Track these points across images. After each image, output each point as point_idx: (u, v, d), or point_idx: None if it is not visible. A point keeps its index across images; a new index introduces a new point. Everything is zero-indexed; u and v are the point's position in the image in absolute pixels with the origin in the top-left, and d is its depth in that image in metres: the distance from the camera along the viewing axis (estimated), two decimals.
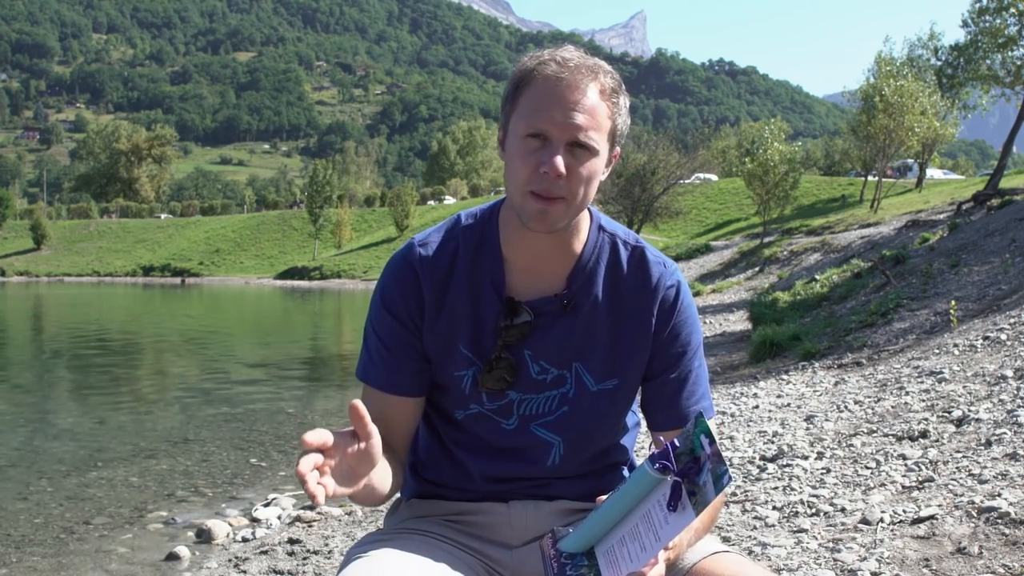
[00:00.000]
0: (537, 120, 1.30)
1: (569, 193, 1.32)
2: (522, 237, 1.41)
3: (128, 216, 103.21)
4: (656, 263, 1.47)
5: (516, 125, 1.34)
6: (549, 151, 1.30)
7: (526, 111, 1.32)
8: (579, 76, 1.31)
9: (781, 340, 9.36)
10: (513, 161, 1.34)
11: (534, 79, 1.33)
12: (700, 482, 1.10)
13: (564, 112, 1.30)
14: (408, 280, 1.44)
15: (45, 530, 4.78)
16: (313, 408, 9.22)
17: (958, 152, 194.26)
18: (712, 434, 1.12)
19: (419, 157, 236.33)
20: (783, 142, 35.44)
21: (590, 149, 1.31)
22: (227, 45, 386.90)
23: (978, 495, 3.22)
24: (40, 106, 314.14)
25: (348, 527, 4.47)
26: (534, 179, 1.31)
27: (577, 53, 1.35)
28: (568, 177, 1.31)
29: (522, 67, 1.35)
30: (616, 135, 1.37)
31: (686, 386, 1.46)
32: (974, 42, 26.38)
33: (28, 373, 13.18)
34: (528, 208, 1.33)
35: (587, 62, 1.34)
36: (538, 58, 1.35)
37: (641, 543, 1.13)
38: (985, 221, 15.81)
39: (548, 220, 1.33)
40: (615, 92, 1.35)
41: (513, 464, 1.48)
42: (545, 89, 1.31)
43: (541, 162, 1.30)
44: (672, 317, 1.45)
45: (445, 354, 1.44)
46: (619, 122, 1.36)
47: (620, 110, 1.36)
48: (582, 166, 1.31)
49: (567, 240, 1.43)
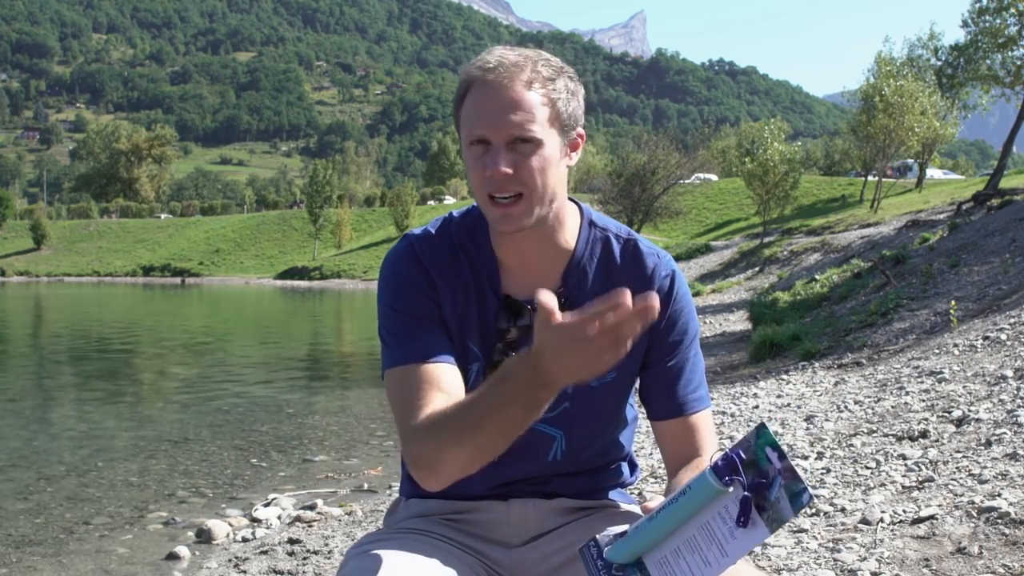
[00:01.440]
0: (475, 127, 1.33)
1: (525, 187, 1.32)
2: (508, 239, 1.41)
3: (128, 216, 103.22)
4: (650, 254, 1.48)
5: (463, 135, 1.36)
6: (492, 155, 1.31)
7: (466, 120, 1.34)
8: (503, 74, 1.32)
9: (781, 340, 9.36)
10: (468, 169, 1.36)
11: (470, 87, 1.35)
12: (772, 498, 1.05)
13: (495, 114, 1.31)
14: (414, 260, 1.43)
15: (45, 530, 4.78)
16: (313, 408, 9.22)
17: (958, 152, 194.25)
18: (780, 447, 1.07)
19: (419, 157, 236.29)
20: (783, 142, 35.44)
21: (532, 141, 1.32)
22: (227, 45, 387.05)
23: (978, 495, 3.22)
24: (40, 106, 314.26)
25: (348, 527, 4.47)
26: (487, 183, 1.32)
27: (503, 51, 1.36)
28: (518, 173, 1.31)
29: (461, 77, 1.38)
30: (562, 119, 1.35)
31: (683, 375, 1.46)
32: (974, 42, 26.39)
33: (28, 373, 13.18)
34: (491, 213, 1.35)
35: (509, 58, 1.34)
36: (470, 65, 1.36)
37: (703, 556, 1.09)
38: (985, 221, 15.81)
39: (511, 221, 1.34)
40: (550, 79, 1.34)
41: (514, 462, 1.47)
42: (477, 95, 1.33)
43: (486, 165, 1.32)
44: (668, 306, 1.45)
45: (457, 345, 1.44)
46: (561, 106, 1.35)
47: (559, 94, 1.35)
48: (530, 159, 1.32)
49: (555, 237, 1.43)
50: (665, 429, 1.47)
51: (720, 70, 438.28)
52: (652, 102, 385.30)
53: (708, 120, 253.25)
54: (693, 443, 1.45)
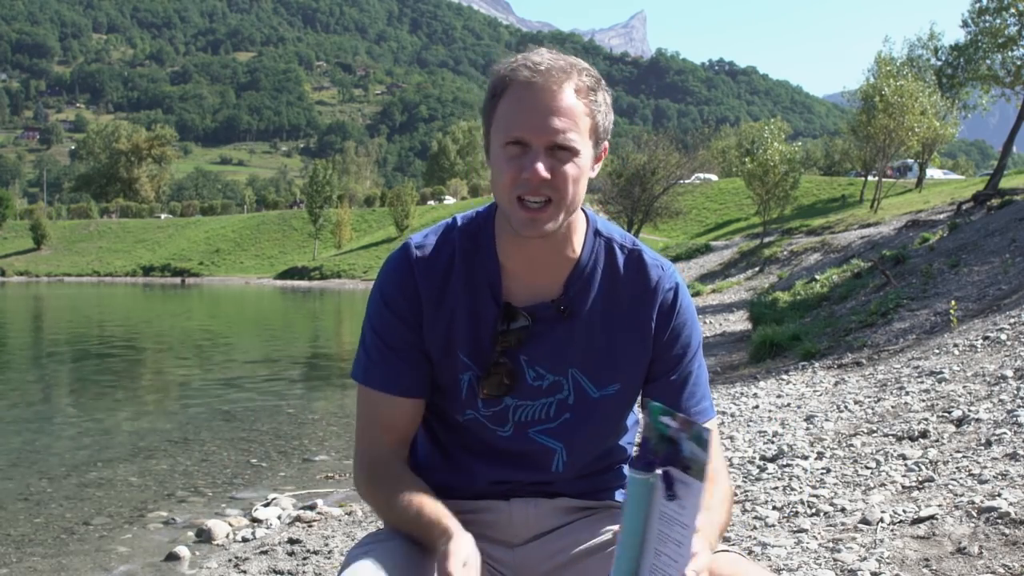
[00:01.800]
0: (515, 128, 1.31)
1: (556, 195, 1.32)
2: (517, 243, 1.41)
3: (128, 216, 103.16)
4: (654, 266, 1.47)
5: (496, 134, 1.34)
6: (530, 157, 1.30)
7: (504, 120, 1.32)
8: (552, 78, 1.31)
9: (781, 340, 9.35)
10: (497, 169, 1.34)
11: (509, 86, 1.33)
12: (687, 453, 1.11)
13: (540, 117, 1.30)
14: (406, 278, 1.44)
15: (45, 530, 4.78)
16: (313, 408, 9.22)
17: (958, 152, 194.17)
18: (669, 410, 1.13)
19: (419, 157, 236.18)
20: (783, 142, 35.42)
21: (571, 150, 1.31)
22: (227, 45, 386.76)
23: (978, 495, 3.22)
24: (40, 106, 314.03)
25: (348, 527, 4.47)
26: (519, 184, 1.31)
27: (550, 55, 1.34)
28: (553, 179, 1.31)
29: (497, 75, 1.35)
30: (599, 132, 1.36)
31: (687, 387, 1.46)
32: (974, 42, 26.38)
33: (28, 373, 13.18)
34: (517, 216, 1.33)
35: (559, 63, 1.33)
36: (511, 64, 1.34)
37: (675, 541, 1.13)
38: (985, 221, 15.81)
39: (538, 226, 1.33)
40: (592, 89, 1.34)
41: (517, 470, 1.48)
42: (520, 96, 1.31)
43: (523, 168, 1.30)
44: (672, 319, 1.45)
45: (444, 357, 1.44)
46: (599, 119, 1.35)
47: (599, 106, 1.35)
48: (566, 167, 1.31)
49: (562, 245, 1.42)
50: None
51: (720, 70, 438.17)
52: (652, 102, 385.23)
53: (708, 120, 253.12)
54: None
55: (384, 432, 1.43)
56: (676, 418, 1.12)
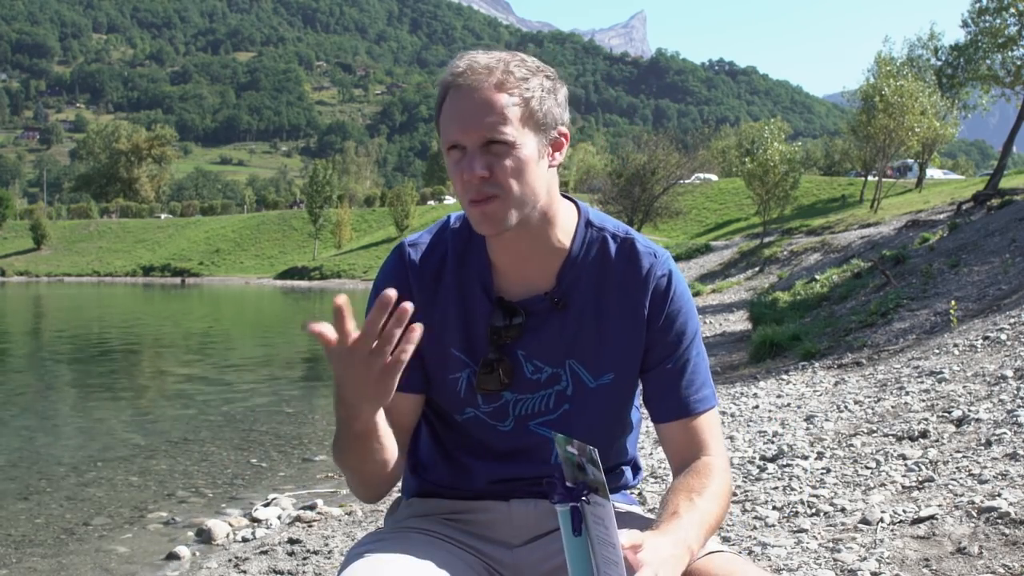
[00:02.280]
0: (450, 133, 1.32)
1: (500, 190, 1.32)
2: (503, 239, 1.41)
3: (128, 216, 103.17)
4: (646, 253, 1.46)
5: (442, 141, 1.36)
6: (468, 159, 1.31)
7: (443, 127, 1.35)
8: (473, 78, 1.31)
9: (781, 340, 9.35)
10: (450, 175, 1.36)
11: (445, 94, 1.35)
12: (591, 475, 1.14)
13: (464, 119, 1.31)
14: (401, 278, 1.44)
15: (45, 530, 4.78)
16: (313, 408, 9.21)
17: (958, 152, 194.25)
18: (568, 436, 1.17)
19: (419, 157, 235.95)
20: (783, 142, 35.44)
21: (505, 143, 1.31)
22: (227, 45, 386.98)
23: (978, 495, 3.22)
24: (40, 106, 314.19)
25: (348, 527, 4.47)
26: (467, 189, 1.32)
27: (477, 55, 1.35)
28: (492, 176, 1.31)
29: (439, 83, 1.37)
30: (536, 118, 1.33)
31: (684, 375, 1.45)
32: (974, 42, 26.39)
33: (28, 373, 13.18)
34: (472, 216, 1.35)
35: (483, 61, 1.33)
36: (445, 72, 1.36)
37: (612, 561, 1.14)
38: (985, 221, 15.81)
39: (489, 221, 1.33)
40: (522, 79, 1.33)
41: (517, 465, 1.48)
42: (450, 101, 1.33)
43: (463, 171, 1.31)
44: (665, 306, 1.44)
45: (438, 356, 1.44)
46: (535, 104, 1.33)
47: (531, 92, 1.33)
48: (504, 161, 1.31)
49: (548, 238, 1.42)
50: (668, 431, 1.46)
51: (720, 70, 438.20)
52: (652, 102, 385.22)
53: (708, 120, 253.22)
54: (697, 444, 1.43)
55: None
56: (575, 444, 1.15)
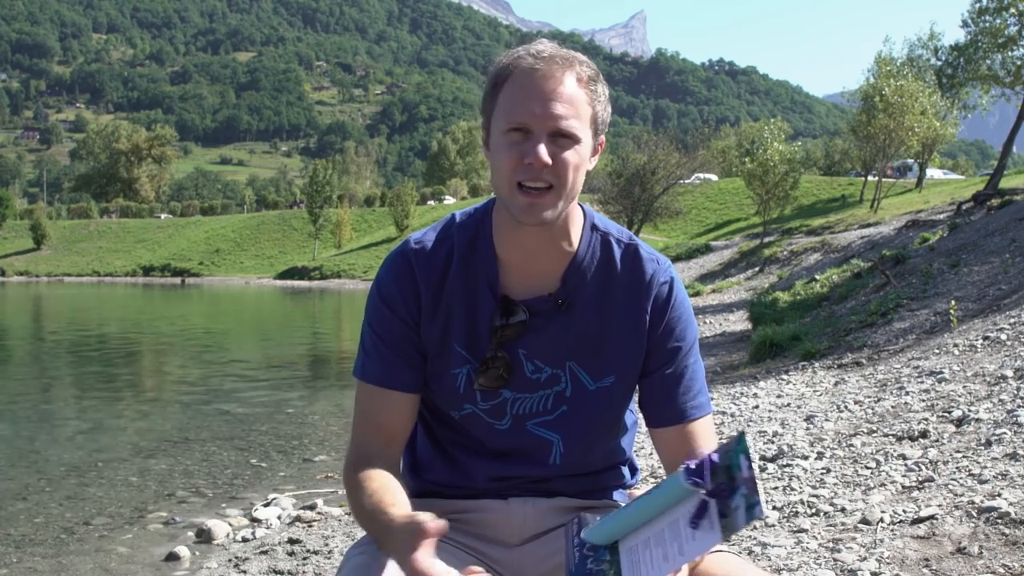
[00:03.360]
0: (517, 114, 1.31)
1: (557, 181, 1.32)
2: (515, 236, 1.41)
3: (128, 216, 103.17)
4: (649, 260, 1.47)
5: (497, 122, 1.34)
6: (532, 142, 1.30)
7: (506, 107, 1.33)
8: (554, 66, 1.32)
9: (781, 340, 9.35)
10: (498, 157, 1.34)
11: (511, 75, 1.34)
12: (732, 505, 1.07)
13: (543, 103, 1.30)
14: (404, 275, 1.44)
15: (45, 530, 4.78)
16: (313, 408, 9.21)
17: (958, 152, 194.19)
18: (751, 456, 1.09)
19: (419, 157, 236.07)
20: (783, 142, 35.44)
21: (572, 137, 1.32)
22: (227, 45, 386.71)
23: (978, 495, 3.22)
24: (40, 106, 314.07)
25: (348, 527, 4.47)
26: (519, 170, 1.31)
27: (551, 45, 1.36)
28: (554, 165, 1.31)
29: (498, 65, 1.36)
30: (598, 123, 1.37)
31: (682, 382, 1.46)
32: (974, 42, 26.38)
33: (28, 373, 13.18)
34: (517, 202, 1.33)
35: (561, 52, 1.34)
36: (513, 54, 1.36)
37: (665, 552, 1.12)
38: (985, 221, 15.81)
39: (537, 212, 1.33)
40: (592, 80, 1.35)
41: (516, 465, 1.48)
42: (522, 83, 1.32)
43: (525, 153, 1.30)
44: (666, 313, 1.45)
45: (440, 351, 1.45)
46: (599, 110, 1.37)
47: (599, 98, 1.36)
48: (566, 153, 1.32)
49: (559, 239, 1.43)
50: (664, 436, 1.47)
51: (720, 70, 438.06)
52: (652, 102, 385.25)
53: (708, 120, 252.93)
54: (692, 450, 1.42)
55: (377, 426, 1.44)
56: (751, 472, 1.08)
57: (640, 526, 1.16)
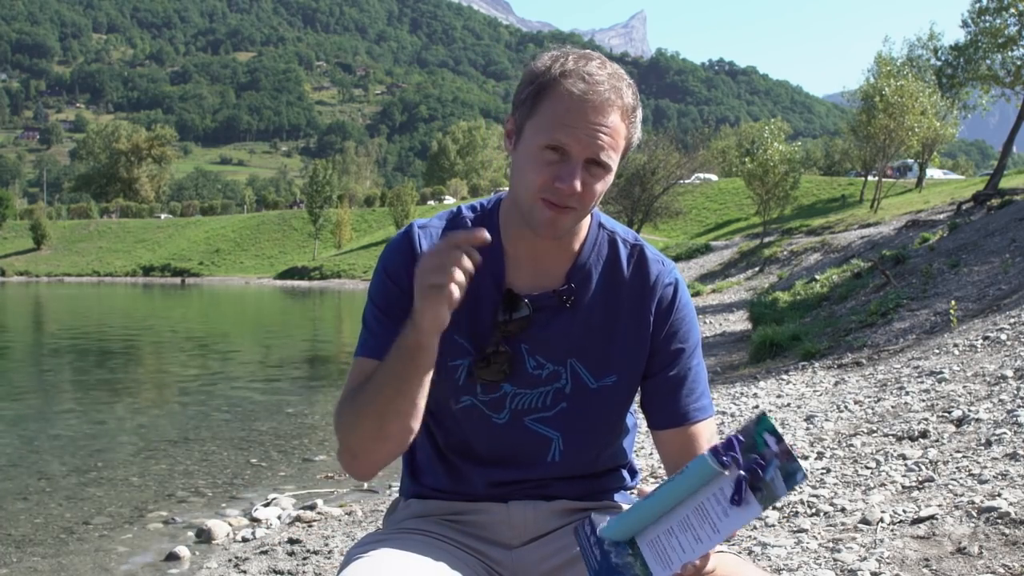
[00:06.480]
0: (560, 135, 1.30)
1: (581, 205, 1.34)
2: (522, 233, 1.42)
3: (128, 216, 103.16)
4: (655, 261, 1.48)
5: (534, 132, 1.33)
6: (568, 167, 1.30)
7: (547, 122, 1.31)
8: (605, 97, 1.31)
9: (781, 340, 9.35)
10: (528, 166, 1.33)
11: (558, 90, 1.31)
12: (767, 478, 1.11)
13: (588, 132, 1.30)
14: (408, 251, 1.44)
15: (45, 530, 4.78)
16: (313, 408, 9.21)
17: (958, 152, 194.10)
18: (779, 432, 1.12)
19: (419, 157, 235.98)
20: (783, 142, 35.45)
21: (605, 167, 1.33)
22: (227, 45, 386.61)
23: (978, 495, 3.22)
24: (40, 106, 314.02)
25: (348, 527, 4.48)
26: (548, 189, 1.32)
27: (602, 68, 1.33)
28: (583, 192, 1.32)
29: (545, 71, 1.33)
30: (629, 149, 1.38)
31: (685, 384, 1.46)
32: (974, 42, 26.38)
33: (28, 373, 13.18)
34: (539, 215, 1.34)
35: (611, 80, 1.32)
36: (562, 66, 1.32)
37: (696, 534, 1.13)
38: (985, 221, 15.81)
39: (556, 228, 1.35)
40: (633, 110, 1.36)
41: (514, 463, 1.48)
42: (570, 105, 1.30)
43: (558, 177, 1.30)
44: (670, 315, 1.46)
45: (442, 342, 1.43)
46: (634, 139, 1.38)
47: (636, 126, 1.37)
48: (597, 182, 1.33)
49: (568, 237, 1.43)
50: (666, 438, 1.47)
51: (720, 70, 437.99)
52: (652, 102, 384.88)
53: (708, 120, 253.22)
54: (694, 452, 1.43)
55: None
56: (781, 445, 1.11)
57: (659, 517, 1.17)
